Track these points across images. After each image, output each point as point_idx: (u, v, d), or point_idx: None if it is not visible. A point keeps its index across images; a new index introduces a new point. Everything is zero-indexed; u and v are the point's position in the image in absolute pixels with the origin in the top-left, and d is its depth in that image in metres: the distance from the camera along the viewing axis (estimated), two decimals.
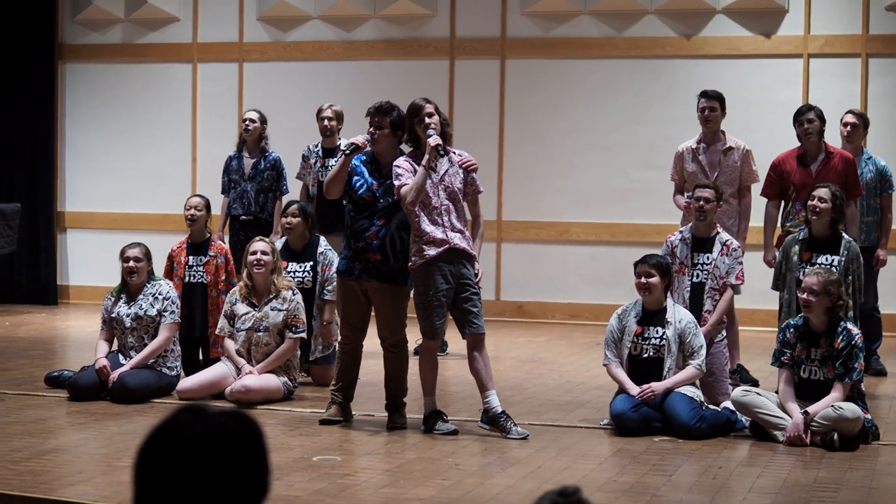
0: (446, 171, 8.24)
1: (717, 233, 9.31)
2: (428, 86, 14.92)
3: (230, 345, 9.47)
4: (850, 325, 8.16)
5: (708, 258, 9.20)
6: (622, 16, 14.67)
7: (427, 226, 8.17)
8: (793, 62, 14.23)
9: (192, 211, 10.37)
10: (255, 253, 9.45)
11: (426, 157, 8.10)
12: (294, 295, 9.44)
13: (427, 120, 8.20)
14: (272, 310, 9.43)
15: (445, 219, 8.18)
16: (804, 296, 8.15)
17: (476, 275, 8.27)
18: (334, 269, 9.97)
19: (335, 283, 9.88)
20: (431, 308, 8.21)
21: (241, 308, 9.47)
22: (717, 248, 9.22)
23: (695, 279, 9.20)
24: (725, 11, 14.39)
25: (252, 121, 11.96)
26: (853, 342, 8.04)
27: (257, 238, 9.72)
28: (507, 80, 14.89)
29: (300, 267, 10.14)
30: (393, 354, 8.47)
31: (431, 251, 8.15)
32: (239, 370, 9.34)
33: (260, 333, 9.42)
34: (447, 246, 8.15)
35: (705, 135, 10.64)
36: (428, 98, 8.45)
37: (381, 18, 15.32)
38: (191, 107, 15.94)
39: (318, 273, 10.12)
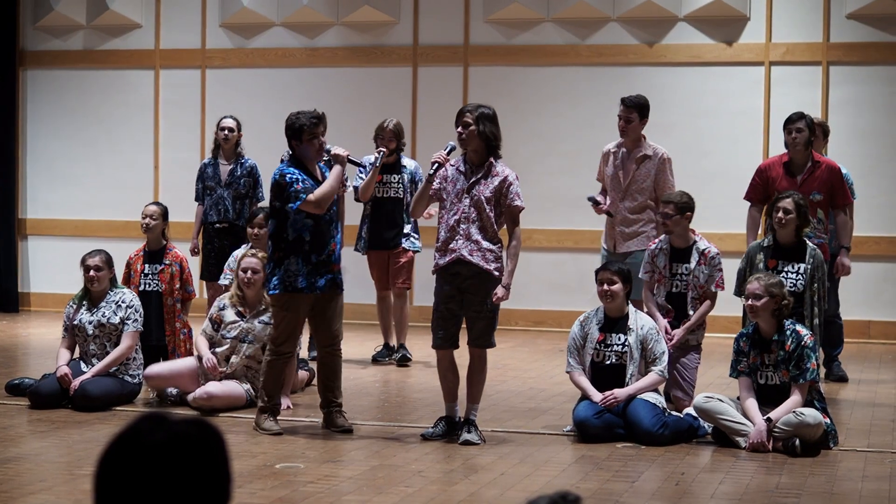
0: (477, 178, 8.19)
1: (695, 241, 9.28)
2: (391, 93, 14.95)
3: (202, 342, 9.42)
4: (798, 327, 8.21)
5: (686, 268, 9.19)
6: (585, 23, 14.71)
7: (442, 232, 8.21)
8: (754, 70, 14.31)
9: (148, 220, 10.36)
10: (245, 270, 9.38)
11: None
12: None
13: (458, 130, 8.22)
14: (260, 322, 9.40)
15: (463, 227, 8.13)
16: (748, 302, 8.20)
17: (491, 293, 8.10)
18: None
19: None
20: (435, 317, 8.29)
21: (230, 315, 9.43)
22: (694, 257, 9.20)
23: (673, 289, 9.21)
24: (688, 19, 14.45)
25: (231, 129, 11.94)
26: (802, 343, 8.08)
27: (249, 252, 9.57)
28: (470, 87, 14.91)
29: None
30: (334, 357, 8.49)
31: (439, 260, 8.21)
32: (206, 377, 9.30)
33: (245, 344, 9.38)
34: (454, 256, 8.14)
35: (625, 141, 10.41)
36: (479, 105, 8.30)
37: (344, 25, 15.32)
38: (153, 113, 15.89)
39: None
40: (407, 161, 11.76)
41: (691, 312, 9.15)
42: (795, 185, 10.06)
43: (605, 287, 8.48)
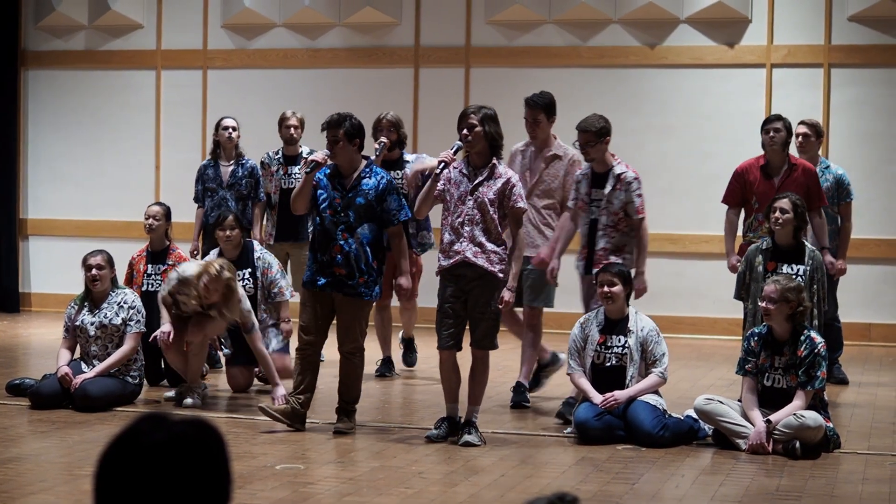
0: (481, 181, 8.20)
1: (613, 167, 9.12)
2: (392, 94, 14.94)
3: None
4: (813, 334, 8.19)
5: (603, 194, 9.08)
6: (586, 25, 14.71)
7: (446, 234, 8.23)
8: (756, 72, 14.31)
9: (151, 220, 10.37)
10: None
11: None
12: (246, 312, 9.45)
13: (462, 132, 8.23)
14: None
15: (467, 230, 8.14)
16: (763, 304, 8.18)
17: (495, 294, 8.13)
18: (275, 270, 10.08)
19: (281, 284, 10.13)
20: (439, 318, 8.28)
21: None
22: (610, 182, 9.06)
23: (591, 215, 9.15)
24: (689, 21, 14.45)
25: (234, 128, 11.90)
26: (816, 350, 8.07)
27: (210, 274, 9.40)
28: (472, 88, 14.91)
29: (239, 274, 10.04)
30: (347, 361, 8.52)
31: (443, 262, 8.22)
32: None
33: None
34: (459, 258, 8.15)
35: (534, 140, 10.00)
36: (481, 106, 8.36)
37: (346, 26, 15.32)
38: (154, 114, 15.89)
39: (258, 278, 10.08)
40: (409, 156, 11.04)
41: (601, 240, 9.03)
42: (773, 188, 10.04)
43: (606, 289, 8.48)
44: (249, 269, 10.10)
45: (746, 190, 10.24)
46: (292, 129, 11.79)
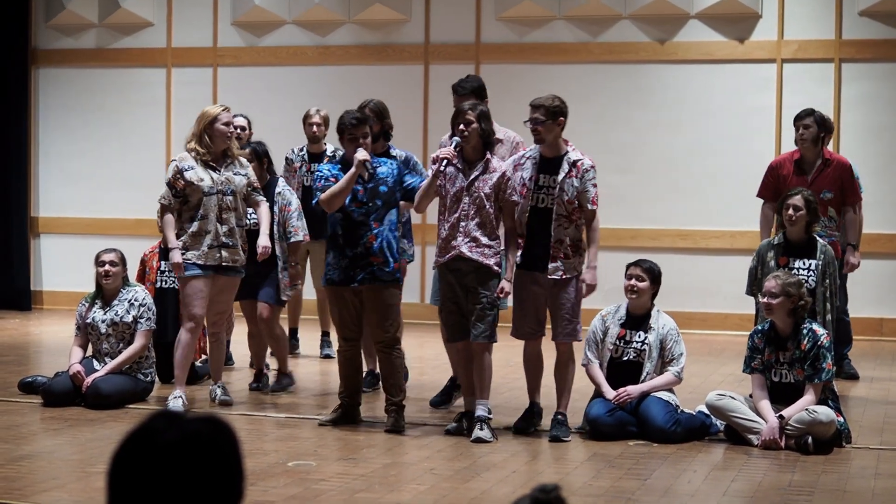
0: (477, 175, 8.24)
1: (567, 152, 8.37)
2: (402, 91, 14.94)
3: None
4: (814, 326, 8.19)
5: (554, 180, 8.32)
6: (596, 21, 14.69)
7: (443, 230, 8.29)
8: (766, 67, 14.28)
9: None
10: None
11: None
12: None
13: (460, 128, 8.27)
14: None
15: (463, 224, 8.20)
16: (765, 299, 8.19)
17: (497, 287, 8.21)
18: (293, 208, 10.17)
19: (296, 224, 10.15)
20: (441, 310, 8.41)
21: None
22: (564, 168, 8.30)
23: (539, 204, 8.33)
24: (699, 17, 14.43)
25: (243, 128, 11.82)
26: (819, 343, 8.07)
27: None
28: None
29: None
30: (386, 356, 8.53)
31: (439, 257, 8.30)
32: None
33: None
34: (454, 253, 8.20)
35: None
36: (476, 102, 8.46)
37: (356, 23, 15.32)
38: (165, 111, 15.91)
39: (275, 213, 10.02)
40: (397, 151, 9.94)
41: (555, 231, 8.28)
42: (805, 183, 10.05)
43: (633, 282, 8.45)
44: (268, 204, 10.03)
45: (780, 184, 10.24)
46: (315, 126, 11.73)
